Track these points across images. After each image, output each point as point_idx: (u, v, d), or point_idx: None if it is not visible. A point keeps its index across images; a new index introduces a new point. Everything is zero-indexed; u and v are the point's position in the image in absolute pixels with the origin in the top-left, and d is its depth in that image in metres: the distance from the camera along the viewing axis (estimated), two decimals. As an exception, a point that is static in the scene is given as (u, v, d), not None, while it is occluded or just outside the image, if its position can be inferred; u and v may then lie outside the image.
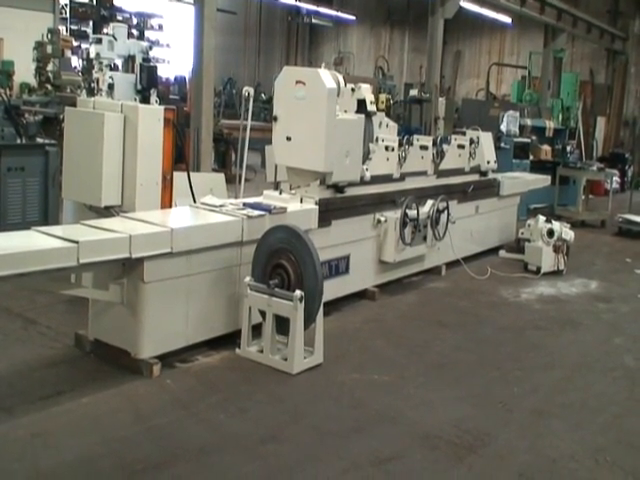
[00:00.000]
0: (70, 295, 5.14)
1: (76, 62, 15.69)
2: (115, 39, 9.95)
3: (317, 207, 6.33)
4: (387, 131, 7.46)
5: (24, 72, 13.45)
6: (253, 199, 6.25)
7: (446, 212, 7.99)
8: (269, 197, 6.29)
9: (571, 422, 4.86)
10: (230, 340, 5.57)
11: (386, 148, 7.32)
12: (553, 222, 9.01)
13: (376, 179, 7.11)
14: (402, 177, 7.63)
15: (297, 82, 6.27)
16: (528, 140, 13.75)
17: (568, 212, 12.67)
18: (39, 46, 13.03)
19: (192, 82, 11.03)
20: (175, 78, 19.73)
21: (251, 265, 5.55)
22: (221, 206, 5.85)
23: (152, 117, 5.91)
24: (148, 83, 9.57)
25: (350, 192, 6.74)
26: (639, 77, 21.94)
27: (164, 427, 4.32)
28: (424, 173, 8.13)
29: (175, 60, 24.09)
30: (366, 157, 6.91)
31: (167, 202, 6.11)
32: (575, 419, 4.92)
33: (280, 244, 5.40)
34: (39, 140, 7.79)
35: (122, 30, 10.42)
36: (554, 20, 17.62)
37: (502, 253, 9.73)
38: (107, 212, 5.79)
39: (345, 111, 6.59)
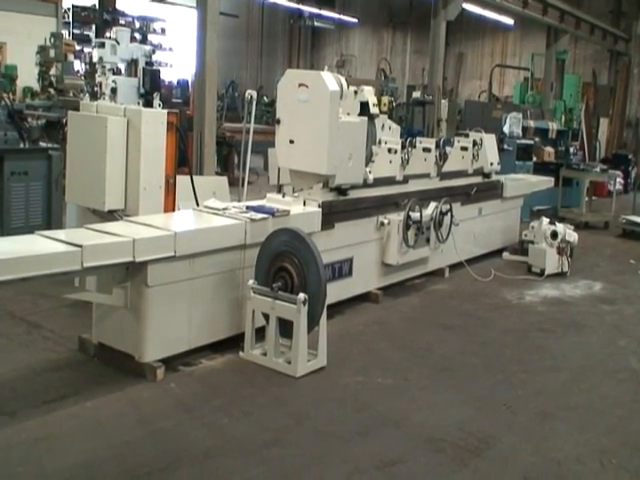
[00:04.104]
0: (74, 299, 5.13)
1: (79, 66, 15.73)
2: (118, 43, 9.97)
3: (320, 210, 6.33)
4: (390, 133, 7.45)
5: (27, 76, 13.50)
6: (256, 202, 6.25)
7: (449, 214, 7.99)
8: (272, 200, 6.29)
9: (576, 424, 4.84)
10: (234, 343, 5.56)
11: (389, 150, 7.32)
12: (556, 224, 9.00)
13: (379, 181, 7.10)
14: (405, 179, 7.63)
15: (300, 85, 6.27)
16: (531, 142, 13.77)
17: (571, 214, 12.64)
18: (42, 50, 13.07)
19: (195, 85, 11.04)
20: (178, 82, 19.79)
21: (254, 268, 5.54)
22: (224, 209, 5.86)
23: (155, 121, 5.91)
24: (151, 87, 9.59)
25: (353, 195, 6.74)
26: (642, 78, 21.93)
27: (168, 431, 4.32)
28: (427, 175, 8.13)
29: (178, 63, 24.14)
30: (369, 160, 6.91)
31: (170, 206, 6.11)
32: (580, 421, 4.90)
33: (283, 247, 5.39)
34: (42, 144, 7.79)
35: (125, 34, 10.44)
36: (556, 21, 17.59)
37: (505, 255, 9.71)
38: (110, 216, 5.80)
39: (348, 114, 6.59)
